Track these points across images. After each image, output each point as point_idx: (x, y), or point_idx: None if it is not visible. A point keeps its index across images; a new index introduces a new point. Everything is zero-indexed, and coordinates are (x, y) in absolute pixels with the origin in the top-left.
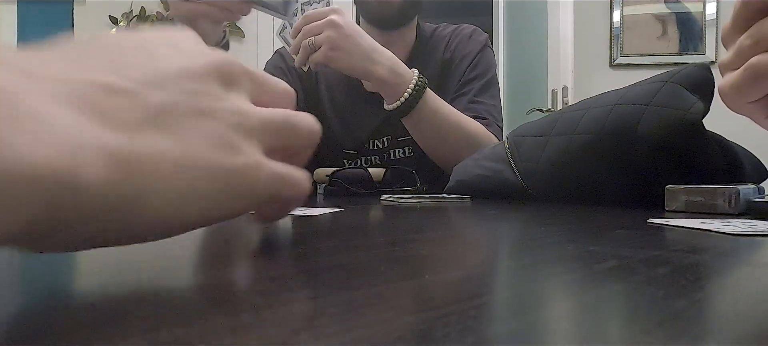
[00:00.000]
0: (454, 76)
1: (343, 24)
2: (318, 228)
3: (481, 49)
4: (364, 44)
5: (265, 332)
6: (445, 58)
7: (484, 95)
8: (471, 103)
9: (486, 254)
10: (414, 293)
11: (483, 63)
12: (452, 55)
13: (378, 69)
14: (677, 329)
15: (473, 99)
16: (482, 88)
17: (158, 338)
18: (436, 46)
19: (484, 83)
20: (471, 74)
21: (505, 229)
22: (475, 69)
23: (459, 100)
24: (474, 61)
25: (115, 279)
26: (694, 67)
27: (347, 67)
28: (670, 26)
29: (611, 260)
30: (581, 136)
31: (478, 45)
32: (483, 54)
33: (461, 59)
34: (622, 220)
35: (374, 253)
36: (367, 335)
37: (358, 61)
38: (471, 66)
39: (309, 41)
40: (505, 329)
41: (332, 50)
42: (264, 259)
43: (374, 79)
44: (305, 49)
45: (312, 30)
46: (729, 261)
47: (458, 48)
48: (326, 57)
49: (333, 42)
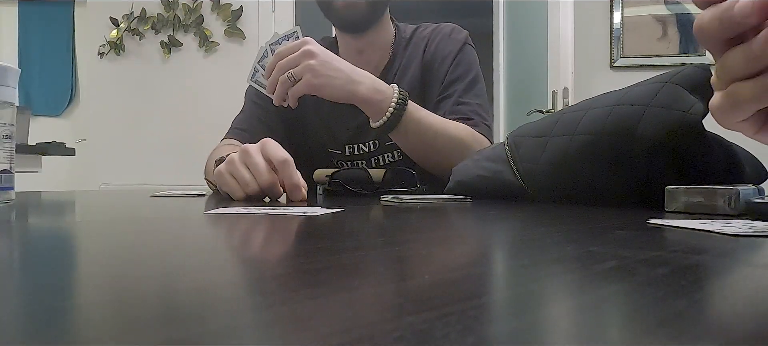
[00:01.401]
0: (437, 77)
1: (319, 51)
2: (318, 228)
3: (461, 48)
4: (343, 67)
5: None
6: (426, 59)
7: (469, 95)
8: (456, 106)
9: (486, 254)
10: (414, 293)
11: (464, 62)
12: (433, 56)
13: (361, 89)
14: (677, 330)
15: (458, 100)
16: (466, 87)
17: (158, 338)
18: (417, 47)
19: (468, 83)
20: (454, 74)
21: (505, 229)
22: (457, 69)
23: (444, 102)
24: (455, 60)
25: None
26: (693, 67)
27: (330, 93)
28: (671, 27)
29: (611, 261)
30: (581, 136)
31: (457, 43)
32: (463, 52)
33: (442, 60)
34: (621, 220)
35: (374, 253)
36: (367, 335)
37: (340, 85)
38: (453, 65)
39: (288, 75)
40: (505, 329)
41: (315, 78)
42: (264, 259)
43: (358, 100)
44: (284, 83)
45: (288, 63)
46: (728, 262)
47: (439, 48)
48: (309, 86)
49: (313, 70)
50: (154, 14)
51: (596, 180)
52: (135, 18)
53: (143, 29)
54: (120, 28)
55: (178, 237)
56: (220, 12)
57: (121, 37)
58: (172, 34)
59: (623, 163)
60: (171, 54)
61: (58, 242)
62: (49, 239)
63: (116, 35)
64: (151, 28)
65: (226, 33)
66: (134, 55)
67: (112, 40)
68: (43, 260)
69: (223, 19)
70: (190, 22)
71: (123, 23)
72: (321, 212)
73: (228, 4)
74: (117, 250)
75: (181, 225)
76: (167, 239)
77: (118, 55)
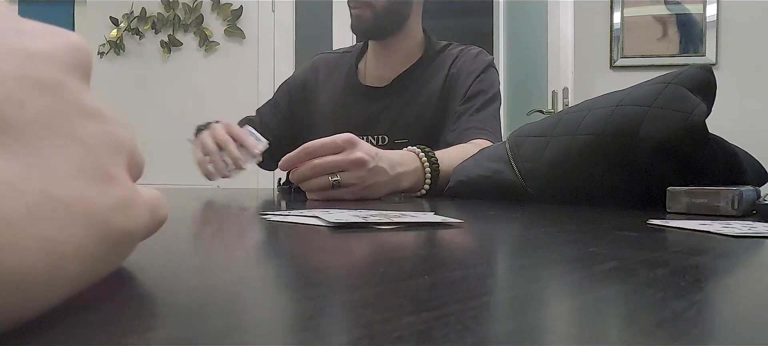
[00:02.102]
0: (459, 90)
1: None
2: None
3: (486, 68)
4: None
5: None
6: (451, 72)
7: (487, 109)
8: (472, 116)
9: (485, 254)
10: (414, 293)
11: (487, 80)
12: (458, 71)
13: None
14: (676, 331)
15: (475, 112)
16: (485, 102)
17: (158, 338)
18: (444, 62)
19: (488, 99)
20: (475, 89)
21: (505, 229)
22: (480, 84)
23: (463, 113)
24: (479, 77)
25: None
26: (696, 68)
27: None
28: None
29: (611, 262)
30: (583, 137)
31: (483, 63)
32: (487, 72)
33: (467, 76)
34: (622, 221)
35: (374, 253)
36: (367, 335)
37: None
38: (476, 81)
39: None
40: (505, 329)
41: (365, 190)
42: (264, 259)
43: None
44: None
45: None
46: (728, 263)
47: (464, 65)
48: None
49: (364, 181)
50: (154, 14)
51: (597, 181)
52: (135, 17)
53: (143, 29)
54: (120, 27)
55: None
56: (220, 11)
57: (121, 37)
58: (172, 33)
59: (625, 164)
60: (171, 53)
61: None
62: None
63: (116, 35)
64: (151, 28)
65: (226, 33)
66: (134, 55)
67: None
68: None
69: (223, 18)
70: (190, 22)
71: (123, 23)
72: None
73: (228, 3)
74: None
75: None
76: None
77: (118, 54)
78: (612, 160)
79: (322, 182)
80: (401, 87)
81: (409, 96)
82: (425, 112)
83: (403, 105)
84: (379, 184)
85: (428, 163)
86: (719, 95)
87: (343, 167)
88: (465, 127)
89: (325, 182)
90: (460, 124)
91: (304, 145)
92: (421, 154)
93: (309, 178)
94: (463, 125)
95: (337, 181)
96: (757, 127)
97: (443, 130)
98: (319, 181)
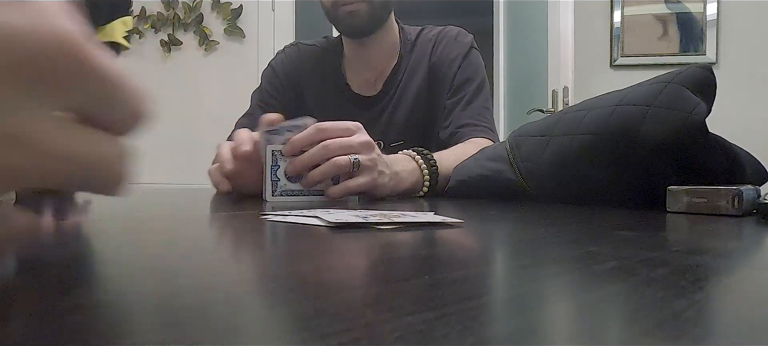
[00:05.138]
0: (444, 82)
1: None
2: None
3: (468, 52)
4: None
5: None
6: (433, 62)
7: (477, 100)
8: (464, 110)
9: (486, 254)
10: (414, 293)
11: (472, 65)
12: (440, 59)
13: (404, 183)
14: (676, 330)
15: (466, 106)
16: (474, 92)
17: (157, 338)
18: (423, 49)
19: (476, 87)
20: (462, 77)
21: (505, 229)
22: (465, 72)
23: (454, 109)
24: (463, 64)
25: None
26: (696, 68)
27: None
28: (671, 27)
29: (611, 261)
30: (583, 136)
31: (464, 47)
32: (470, 56)
33: (449, 63)
34: (622, 221)
35: (374, 253)
36: (367, 335)
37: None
38: (460, 70)
39: (353, 159)
40: (505, 329)
41: (380, 176)
42: (264, 259)
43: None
44: (345, 167)
45: (343, 148)
46: (728, 263)
47: (445, 51)
48: (372, 184)
49: (378, 166)
50: (154, 13)
51: (598, 180)
52: (135, 17)
53: (143, 28)
54: None
55: (176, 237)
56: (219, 11)
57: None
58: (171, 32)
59: (625, 164)
60: (171, 53)
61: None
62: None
63: None
64: (151, 27)
65: (225, 32)
66: (134, 54)
67: None
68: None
69: (223, 17)
70: (190, 21)
71: None
72: None
73: (228, 3)
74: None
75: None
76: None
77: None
78: (612, 160)
79: (343, 161)
80: (389, 93)
81: (397, 98)
82: (415, 110)
83: (393, 109)
84: (385, 182)
85: (425, 164)
86: (719, 94)
87: (357, 150)
88: (458, 123)
89: (346, 161)
90: (453, 121)
91: (316, 124)
92: (417, 156)
93: (322, 160)
94: (455, 122)
95: (357, 160)
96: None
97: (435, 125)
98: (340, 160)
